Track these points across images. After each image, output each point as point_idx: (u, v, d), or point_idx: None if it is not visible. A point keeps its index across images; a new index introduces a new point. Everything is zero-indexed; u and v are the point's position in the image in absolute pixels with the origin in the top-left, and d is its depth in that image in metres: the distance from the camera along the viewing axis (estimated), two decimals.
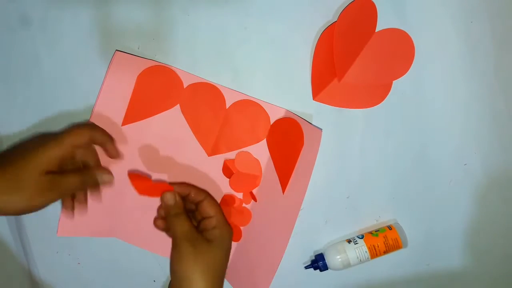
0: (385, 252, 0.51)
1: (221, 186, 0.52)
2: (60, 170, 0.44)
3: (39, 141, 0.43)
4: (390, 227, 0.52)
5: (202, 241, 0.45)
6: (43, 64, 0.50)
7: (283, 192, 0.50)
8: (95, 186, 0.47)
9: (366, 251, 0.51)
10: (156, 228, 0.49)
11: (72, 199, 0.48)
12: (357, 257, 0.51)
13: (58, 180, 0.43)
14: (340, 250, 0.51)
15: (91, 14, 0.49)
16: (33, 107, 0.51)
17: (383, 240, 0.51)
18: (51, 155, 0.42)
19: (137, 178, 0.49)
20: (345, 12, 0.49)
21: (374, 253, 0.51)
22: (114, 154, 0.47)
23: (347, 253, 0.51)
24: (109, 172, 0.47)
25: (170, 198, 0.47)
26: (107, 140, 0.47)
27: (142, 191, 0.47)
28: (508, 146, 0.52)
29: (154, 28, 0.50)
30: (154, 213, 0.53)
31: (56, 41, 0.50)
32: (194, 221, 0.49)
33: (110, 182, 0.47)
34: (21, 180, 0.41)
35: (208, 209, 0.48)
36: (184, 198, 0.49)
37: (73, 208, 0.48)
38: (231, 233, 0.48)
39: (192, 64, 0.50)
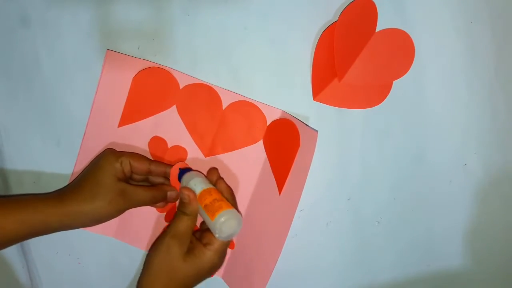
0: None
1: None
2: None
3: (104, 155, 0.48)
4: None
5: (187, 251, 0.45)
6: (43, 64, 0.50)
7: (280, 193, 0.49)
8: (163, 201, 0.50)
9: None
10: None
11: None
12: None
13: (131, 190, 0.47)
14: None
15: (91, 14, 0.49)
16: (33, 107, 0.51)
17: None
18: (115, 164, 0.47)
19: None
20: (346, 12, 0.49)
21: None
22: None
23: None
24: (176, 190, 0.50)
25: (186, 196, 0.47)
26: (164, 173, 0.50)
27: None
28: (508, 146, 0.52)
29: (154, 28, 0.50)
30: (153, 215, 0.53)
31: (56, 41, 0.50)
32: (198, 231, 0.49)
33: (176, 199, 0.50)
34: (101, 186, 0.45)
35: None
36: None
37: None
38: (218, 267, 0.47)
39: (192, 64, 0.50)
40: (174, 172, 0.50)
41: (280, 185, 0.49)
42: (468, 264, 0.55)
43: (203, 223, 0.50)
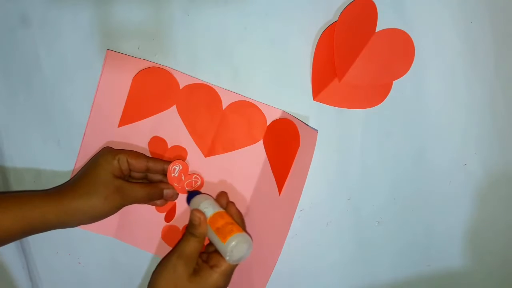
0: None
1: (217, 187, 0.52)
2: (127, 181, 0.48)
3: (102, 153, 0.48)
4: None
5: (193, 272, 0.45)
6: (43, 64, 0.50)
7: (280, 193, 0.49)
8: (160, 199, 0.50)
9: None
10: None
11: None
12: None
13: (128, 187, 0.47)
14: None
15: (91, 14, 0.49)
16: (33, 107, 0.51)
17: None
18: (113, 161, 0.47)
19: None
20: (346, 12, 0.49)
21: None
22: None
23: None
24: (173, 188, 0.50)
25: (196, 219, 0.47)
26: (162, 170, 0.50)
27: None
28: (507, 146, 0.52)
29: (154, 28, 0.50)
30: (153, 215, 0.53)
31: (56, 41, 0.50)
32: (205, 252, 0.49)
33: (173, 197, 0.51)
34: (97, 183, 0.46)
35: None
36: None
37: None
38: None
39: (192, 64, 0.50)
40: (171, 169, 0.50)
41: (280, 185, 0.49)
42: (468, 264, 0.55)
43: (209, 245, 0.50)
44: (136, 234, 0.53)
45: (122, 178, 0.48)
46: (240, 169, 0.52)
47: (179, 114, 0.51)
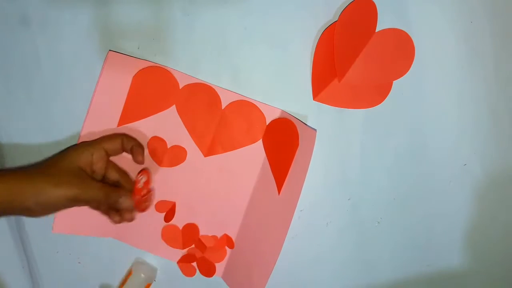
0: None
1: (217, 187, 0.52)
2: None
3: (76, 145, 0.48)
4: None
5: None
6: (43, 64, 0.50)
7: (279, 192, 0.50)
8: (116, 206, 0.48)
9: None
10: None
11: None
12: None
13: (87, 180, 0.45)
14: None
15: (91, 14, 0.49)
16: (33, 107, 0.51)
17: None
18: (85, 152, 0.46)
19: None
20: (346, 12, 0.49)
21: None
22: (140, 160, 0.49)
23: None
24: (131, 200, 0.48)
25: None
26: (136, 145, 0.49)
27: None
28: (507, 146, 0.52)
29: (154, 28, 0.50)
30: (153, 216, 0.53)
31: (56, 41, 0.50)
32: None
33: (128, 209, 0.48)
34: (55, 167, 0.44)
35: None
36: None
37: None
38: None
39: (192, 64, 0.50)
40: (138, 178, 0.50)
41: (279, 184, 0.49)
42: (468, 264, 0.55)
43: None
44: (136, 234, 0.54)
45: (89, 174, 0.46)
46: (240, 169, 0.52)
47: (178, 114, 0.51)
